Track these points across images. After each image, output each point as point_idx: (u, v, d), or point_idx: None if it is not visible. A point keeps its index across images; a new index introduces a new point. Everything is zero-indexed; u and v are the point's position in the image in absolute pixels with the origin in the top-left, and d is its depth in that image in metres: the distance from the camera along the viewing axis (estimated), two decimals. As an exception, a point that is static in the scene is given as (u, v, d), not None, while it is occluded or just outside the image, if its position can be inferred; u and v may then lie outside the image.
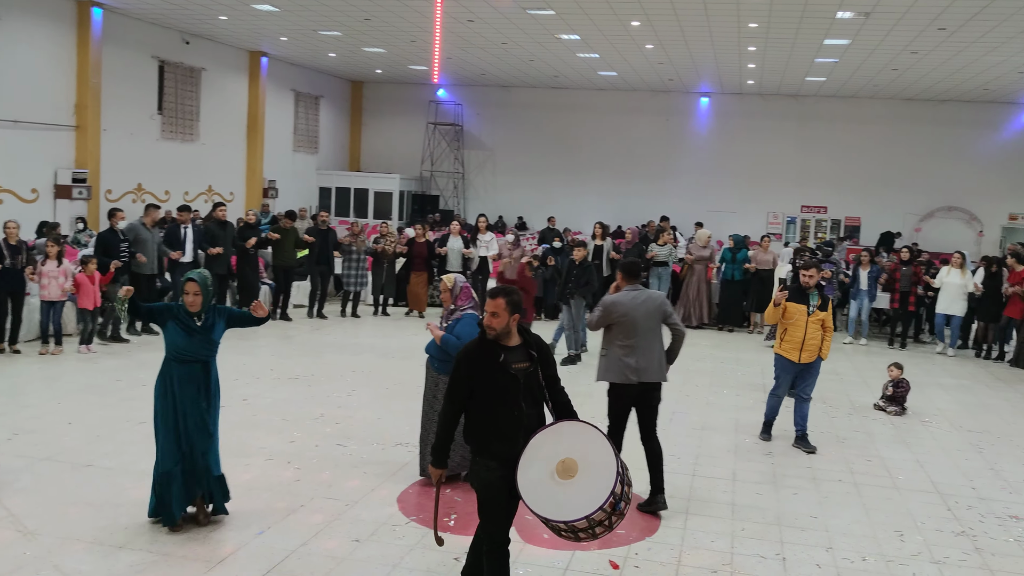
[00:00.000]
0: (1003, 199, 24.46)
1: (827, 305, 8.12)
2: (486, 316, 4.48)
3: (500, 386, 4.46)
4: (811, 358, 8.01)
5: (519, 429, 4.44)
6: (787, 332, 8.03)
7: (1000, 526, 6.47)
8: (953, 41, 16.28)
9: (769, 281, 15.15)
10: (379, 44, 20.16)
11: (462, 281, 6.80)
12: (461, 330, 6.56)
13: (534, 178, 26.76)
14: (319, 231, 14.78)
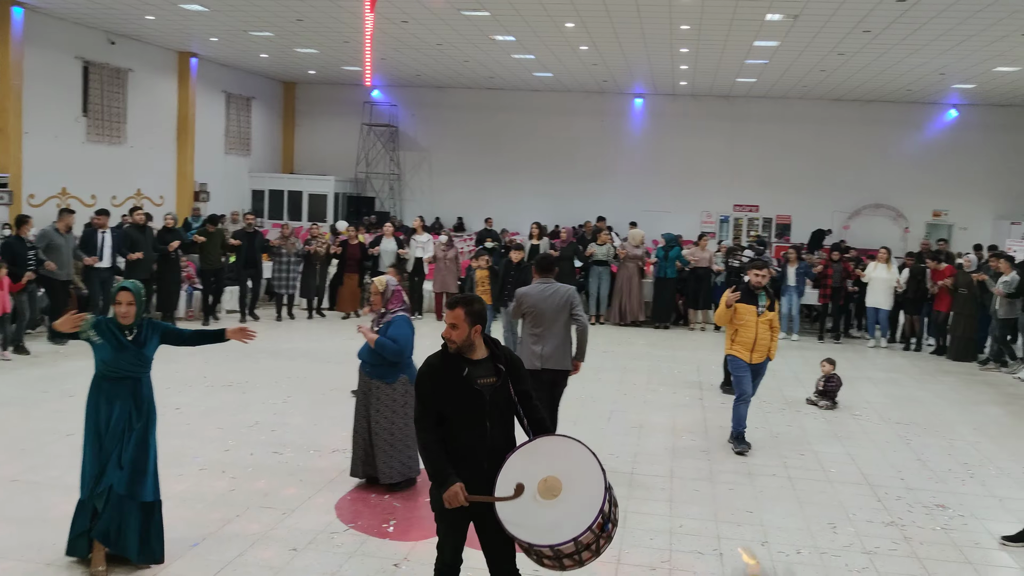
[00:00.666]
0: (927, 196, 25.22)
1: (775, 305, 8.16)
2: (445, 329, 4.17)
3: (463, 403, 4.10)
4: (761, 358, 8.04)
5: (483, 451, 4.09)
6: (738, 333, 8.02)
7: (927, 515, 6.66)
8: (877, 43, 16.72)
9: (706, 279, 15.38)
10: (312, 45, 19.93)
11: (393, 283, 6.73)
12: (395, 332, 6.50)
13: (471, 179, 26.74)
14: (247, 234, 14.58)
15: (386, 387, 6.58)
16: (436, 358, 4.23)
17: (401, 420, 6.59)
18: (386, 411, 6.58)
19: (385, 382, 6.58)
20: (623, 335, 14.72)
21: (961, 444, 8.74)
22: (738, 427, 8.13)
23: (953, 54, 17.33)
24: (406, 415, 6.58)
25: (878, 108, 24.97)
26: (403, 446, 6.62)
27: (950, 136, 24.98)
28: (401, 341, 6.52)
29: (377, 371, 6.56)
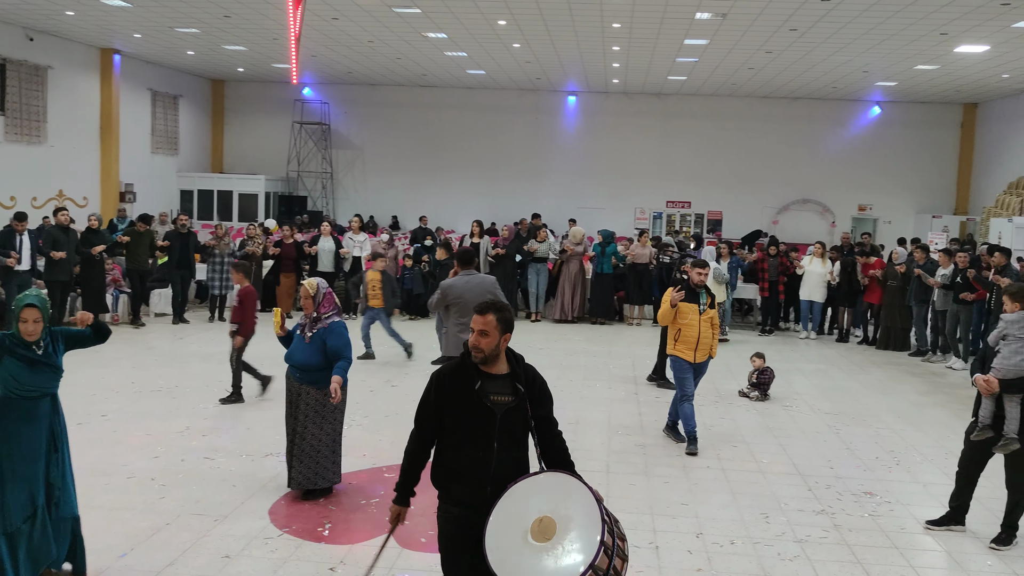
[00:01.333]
0: (852, 191, 25.88)
1: (715, 303, 8.20)
2: (472, 335, 3.78)
3: (470, 418, 3.73)
4: (704, 357, 8.04)
5: (484, 474, 3.72)
6: (681, 332, 7.97)
7: (856, 503, 6.82)
8: (804, 42, 17.08)
9: (645, 275, 15.48)
10: (240, 42, 19.59)
11: (324, 286, 6.59)
12: (339, 343, 6.37)
13: (405, 177, 26.59)
14: (178, 235, 14.29)
15: (317, 392, 6.41)
16: (450, 368, 3.88)
17: (329, 426, 6.46)
18: (316, 417, 6.42)
19: (317, 388, 6.41)
20: (560, 332, 14.78)
21: (887, 432, 8.97)
22: (690, 427, 8.01)
23: (875, 52, 17.79)
24: (333, 421, 6.47)
25: (805, 105, 25.53)
26: (327, 451, 6.46)
27: (874, 132, 25.68)
28: (347, 353, 6.42)
29: (309, 376, 6.41)
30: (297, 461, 6.40)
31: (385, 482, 6.93)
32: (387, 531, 4.20)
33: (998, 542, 6.00)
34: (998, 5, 13.51)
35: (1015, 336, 5.99)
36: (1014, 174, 22.70)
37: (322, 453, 6.44)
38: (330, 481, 6.52)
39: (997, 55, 17.55)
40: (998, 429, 5.99)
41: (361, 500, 6.53)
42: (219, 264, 14.49)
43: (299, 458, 6.39)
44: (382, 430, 8.38)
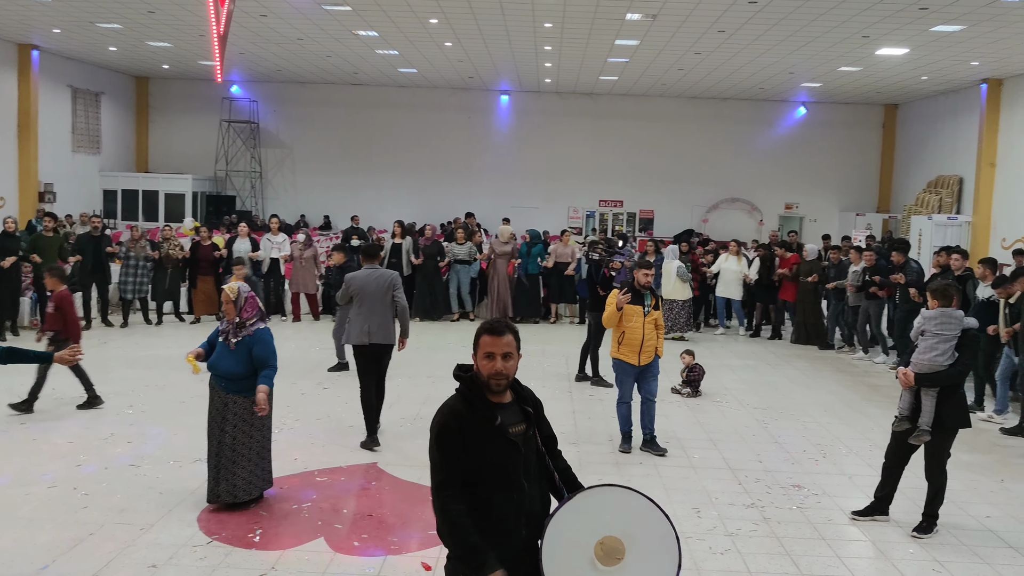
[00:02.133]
0: (779, 190, 26.45)
1: (659, 304, 8.12)
2: (496, 360, 3.32)
3: (498, 460, 3.28)
4: (650, 358, 7.92)
5: (519, 517, 3.30)
6: (624, 335, 7.85)
7: (784, 495, 6.95)
8: (732, 43, 17.37)
9: (567, 275, 15.53)
10: (164, 38, 19.14)
11: (246, 290, 6.39)
12: (265, 352, 6.19)
13: (336, 176, 26.31)
14: (92, 238, 13.80)
15: (244, 401, 6.21)
16: (460, 404, 3.35)
17: (258, 433, 6.31)
18: (244, 426, 6.23)
19: (245, 396, 6.21)
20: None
21: (813, 426, 9.17)
22: (624, 426, 8.04)
23: (801, 54, 18.19)
24: (262, 428, 6.33)
25: (733, 105, 25.99)
26: (258, 460, 6.31)
27: (799, 132, 26.27)
28: (273, 360, 6.26)
29: (235, 385, 6.20)
30: (226, 471, 6.19)
31: (317, 486, 6.83)
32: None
33: (919, 530, 6.18)
34: (917, 9, 13.94)
35: (932, 332, 6.16)
36: (933, 173, 23.47)
37: (252, 462, 6.28)
38: (258, 491, 6.36)
39: (916, 58, 18.10)
40: (915, 421, 6.17)
41: (292, 505, 6.42)
42: (134, 267, 14.05)
43: (226, 468, 6.20)
44: (314, 433, 8.27)
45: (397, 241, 15.41)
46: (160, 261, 14.38)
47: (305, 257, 14.61)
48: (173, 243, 14.69)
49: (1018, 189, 19.71)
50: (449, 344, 13.31)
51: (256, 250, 14.79)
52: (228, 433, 6.21)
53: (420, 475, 7.10)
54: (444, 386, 10.25)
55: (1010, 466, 8.00)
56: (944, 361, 6.09)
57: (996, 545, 6.07)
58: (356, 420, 8.61)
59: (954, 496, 6.69)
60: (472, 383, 3.37)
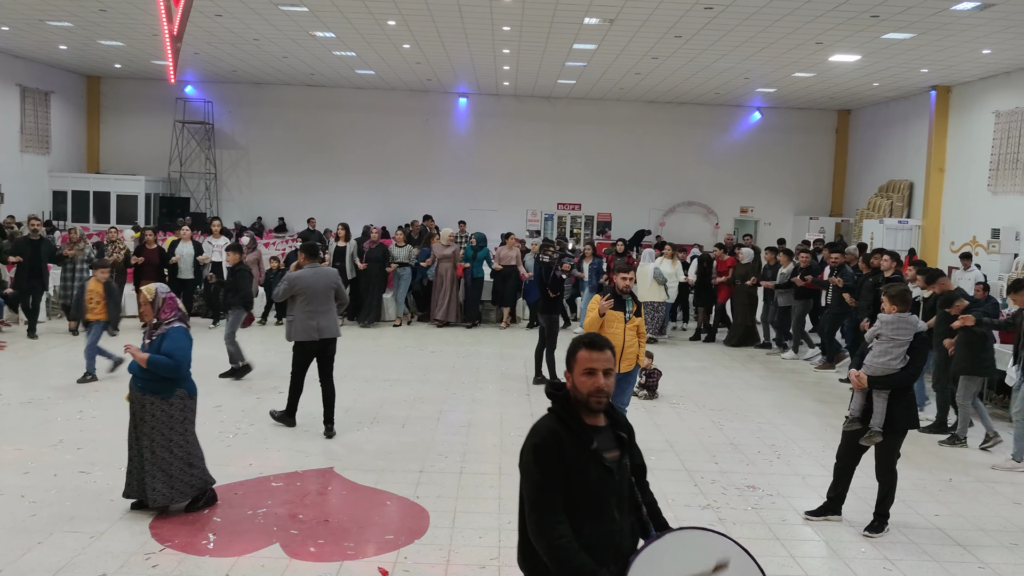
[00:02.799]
0: (735, 194, 26.74)
1: (641, 310, 7.91)
2: (597, 377, 3.13)
3: (593, 488, 3.07)
4: (630, 367, 7.72)
5: (609, 550, 3.09)
6: None
7: (740, 496, 7.02)
8: (688, 48, 17.53)
9: (512, 277, 15.42)
10: (117, 37, 18.82)
11: (164, 291, 6.26)
12: (171, 347, 6.02)
13: (293, 178, 26.07)
14: (31, 242, 13.26)
15: (162, 403, 6.06)
16: (556, 424, 3.11)
17: (179, 438, 6.14)
18: (163, 428, 6.07)
19: (161, 397, 6.06)
20: (452, 335, 14.75)
21: (768, 427, 9.28)
22: None
23: (756, 60, 18.42)
24: (184, 432, 6.16)
25: (689, 110, 26.23)
26: (182, 465, 6.14)
27: (755, 137, 26.59)
28: (177, 356, 6.04)
29: (151, 386, 6.03)
30: (150, 477, 6.03)
31: (272, 492, 6.75)
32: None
33: (871, 530, 6.28)
34: (868, 17, 14.18)
35: (887, 336, 6.27)
36: (884, 178, 23.90)
37: (175, 467, 6.09)
38: (190, 495, 6.19)
39: (868, 64, 18.42)
40: (866, 422, 6.27)
41: (247, 511, 6.34)
42: (73, 272, 13.62)
43: (151, 474, 6.03)
44: (269, 438, 8.18)
45: (340, 244, 15.15)
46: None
47: (248, 260, 14.33)
48: (118, 246, 14.26)
49: (966, 194, 20.15)
50: (405, 348, 13.26)
51: (200, 254, 14.52)
52: (146, 435, 6.06)
53: (376, 480, 7.06)
54: (402, 389, 10.25)
55: (956, 465, 8.17)
56: (897, 365, 6.20)
57: (944, 543, 6.20)
58: (312, 424, 8.54)
59: (904, 495, 6.80)
60: (567, 402, 3.15)
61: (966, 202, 20.12)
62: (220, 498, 6.47)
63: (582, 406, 3.16)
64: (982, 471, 7.99)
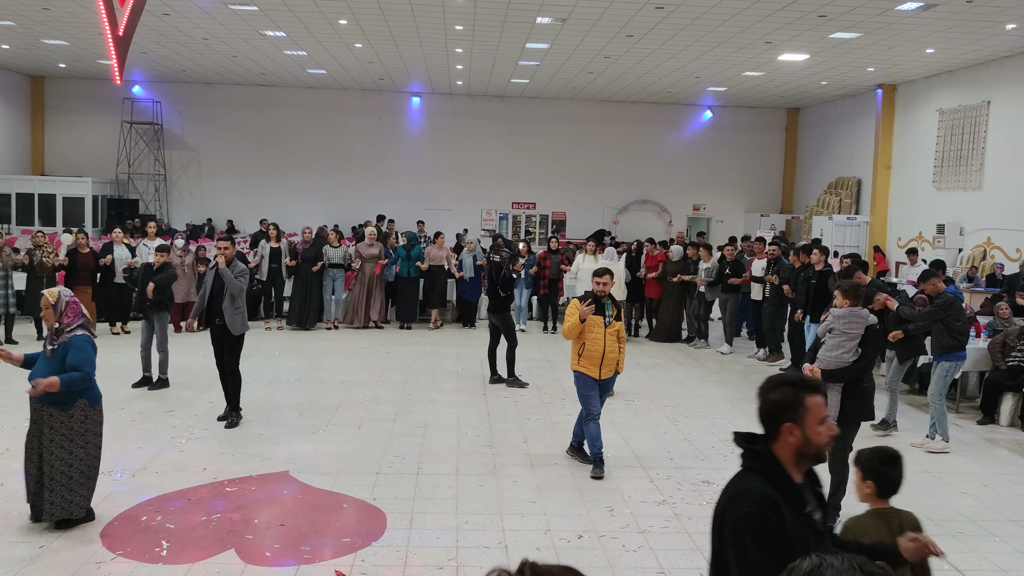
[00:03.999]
0: (688, 192, 27.02)
1: (621, 314, 7.58)
2: (827, 422, 2.80)
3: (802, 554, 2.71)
4: (610, 372, 7.45)
5: None
6: (585, 347, 7.32)
7: (694, 491, 7.10)
8: (640, 47, 17.67)
9: (441, 277, 15.31)
10: (61, 36, 18.45)
11: (67, 295, 6.02)
12: (78, 358, 5.76)
13: (244, 179, 25.78)
14: None
15: (62, 415, 5.82)
16: (765, 486, 2.68)
17: (80, 450, 5.90)
18: (63, 441, 5.85)
19: (61, 409, 5.81)
20: (410, 337, 14.70)
21: (721, 422, 9.39)
22: (595, 448, 7.45)
23: (707, 59, 18.63)
24: (85, 444, 5.93)
25: (642, 109, 26.44)
26: (82, 479, 5.92)
27: (706, 135, 26.89)
28: (86, 368, 5.82)
29: (51, 396, 5.78)
30: (48, 492, 5.82)
31: (227, 496, 6.67)
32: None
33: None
34: (816, 17, 14.42)
35: (840, 331, 6.38)
36: (833, 175, 24.32)
37: (76, 480, 5.89)
38: (83, 509, 6.00)
39: (816, 63, 18.73)
40: (821, 415, 6.37)
41: (201, 517, 6.25)
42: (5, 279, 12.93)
43: (51, 488, 5.82)
44: (222, 443, 8.07)
45: (274, 245, 14.86)
46: (32, 270, 13.23)
47: (186, 264, 14.05)
48: (47, 250, 13.54)
49: (912, 191, 20.58)
50: (361, 349, 13.18)
51: (134, 256, 14.10)
52: (47, 448, 5.83)
53: (332, 482, 7.01)
54: (358, 391, 10.18)
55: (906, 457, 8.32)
56: (849, 358, 6.31)
57: (894, 533, 6.32)
58: (266, 428, 8.46)
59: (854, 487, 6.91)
60: (775, 460, 2.72)
61: (912, 198, 20.55)
62: (173, 504, 6.38)
63: (800, 461, 2.74)
64: (930, 463, 8.17)
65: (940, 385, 8.53)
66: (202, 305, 8.90)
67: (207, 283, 8.85)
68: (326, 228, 19.21)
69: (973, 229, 18.24)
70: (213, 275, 8.79)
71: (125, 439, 8.06)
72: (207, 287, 8.81)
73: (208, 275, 8.91)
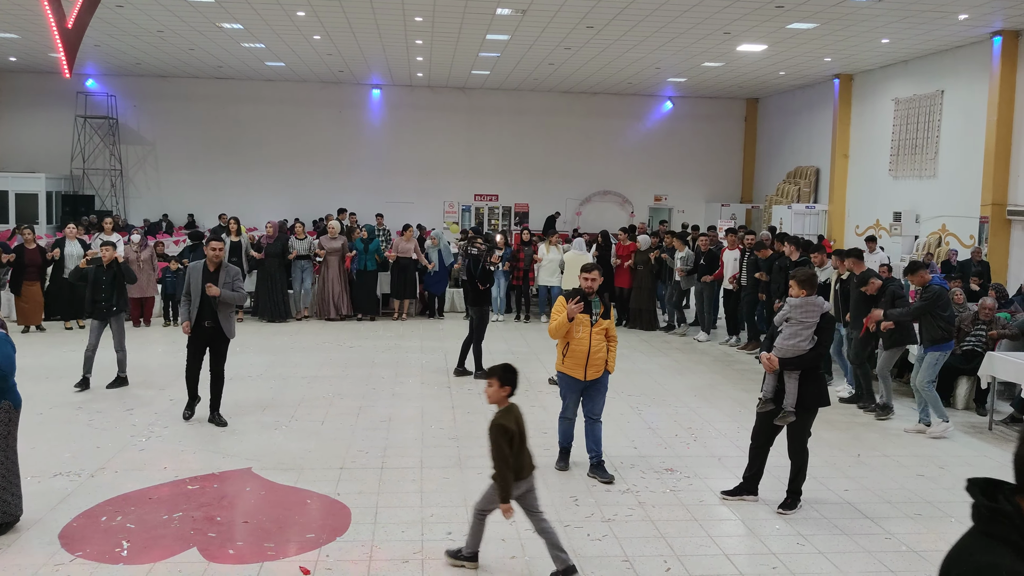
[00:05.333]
0: (649, 182, 27.18)
1: (609, 312, 7.14)
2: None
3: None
4: (598, 374, 7.00)
5: None
6: (569, 347, 6.95)
7: (658, 479, 7.15)
8: (600, 39, 17.70)
9: (410, 268, 15.30)
10: (10, 29, 18.07)
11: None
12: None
13: (203, 174, 25.48)
14: None
15: None
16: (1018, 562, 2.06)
17: (1, 453, 5.67)
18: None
19: None
20: (371, 329, 14.63)
21: (684, 410, 9.47)
22: (563, 442, 7.40)
23: (666, 50, 18.72)
24: (5, 448, 5.73)
25: (603, 100, 26.51)
26: (5, 483, 5.69)
27: (667, 126, 27.05)
28: (4, 365, 5.63)
29: None
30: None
31: (188, 495, 6.60)
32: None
33: (784, 507, 6.47)
34: (773, 7, 14.55)
35: (797, 319, 6.46)
36: (791, 164, 24.58)
37: (6, 480, 5.70)
38: (12, 515, 5.82)
39: (774, 54, 18.90)
40: (779, 402, 6.46)
41: (163, 516, 6.18)
42: None
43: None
44: (183, 440, 7.98)
45: (234, 239, 14.74)
46: None
47: (142, 259, 13.83)
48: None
49: (869, 179, 20.87)
50: (324, 344, 13.10)
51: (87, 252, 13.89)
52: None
53: (296, 478, 6.97)
54: (321, 386, 10.12)
55: (864, 442, 8.47)
56: (806, 346, 6.39)
57: (854, 517, 6.42)
58: (228, 425, 8.38)
59: (815, 472, 7.02)
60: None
61: (869, 187, 20.84)
62: (134, 503, 6.30)
63: None
64: (889, 447, 8.31)
65: (930, 373, 8.69)
66: (190, 309, 8.41)
67: (194, 284, 8.36)
68: (287, 222, 19.06)
69: (928, 216, 18.55)
70: (201, 276, 8.34)
71: (83, 439, 7.94)
72: (194, 289, 8.35)
73: (193, 275, 8.38)
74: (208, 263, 8.42)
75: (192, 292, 8.40)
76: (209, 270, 8.40)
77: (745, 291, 13.16)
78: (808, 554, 5.74)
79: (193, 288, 8.39)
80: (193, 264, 8.56)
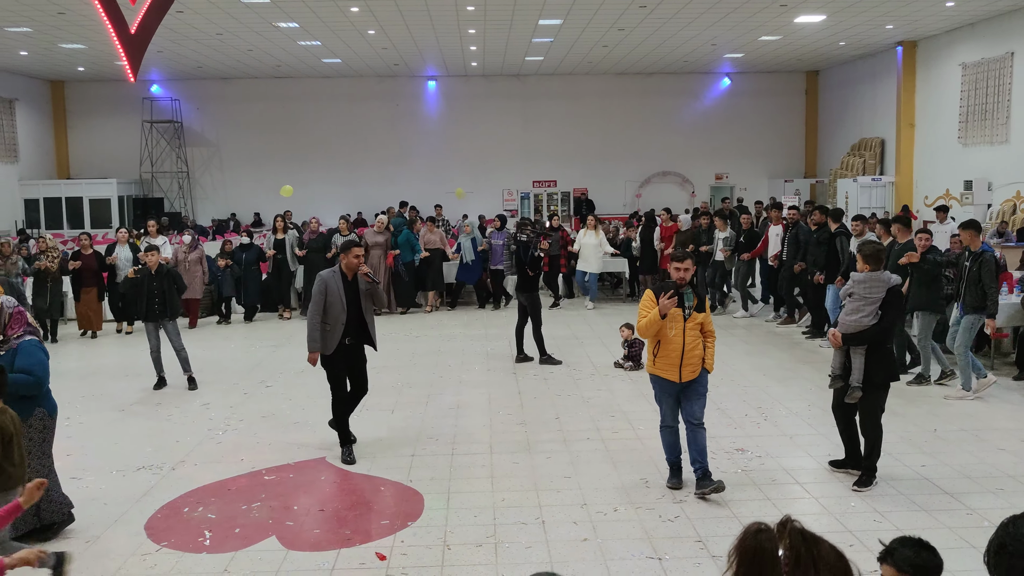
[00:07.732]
0: (709, 161, 26.83)
1: (704, 304, 6.31)
2: None
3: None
4: (694, 374, 6.19)
5: None
6: (660, 346, 6.19)
7: (729, 459, 7.10)
8: (653, 18, 17.51)
9: (437, 261, 15.25)
10: (77, 40, 18.61)
11: (11, 305, 5.79)
12: (27, 363, 5.54)
13: (265, 172, 25.94)
14: None
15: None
16: None
17: (36, 462, 5.66)
18: None
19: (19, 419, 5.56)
20: (437, 319, 14.76)
21: (754, 390, 9.37)
22: (670, 456, 6.56)
23: (722, 25, 18.43)
24: (41, 455, 5.76)
25: (659, 80, 26.24)
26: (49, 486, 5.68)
27: (725, 103, 26.64)
28: (37, 371, 5.60)
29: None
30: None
31: (265, 485, 6.77)
32: None
33: (859, 484, 6.37)
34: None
35: (860, 295, 6.34)
36: (855, 136, 24.02)
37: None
38: (62, 515, 5.92)
39: (833, 24, 18.47)
40: (847, 378, 6.36)
41: (242, 506, 6.35)
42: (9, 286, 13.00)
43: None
44: (259, 432, 8.18)
45: (279, 236, 14.87)
46: (38, 275, 13.09)
47: (191, 259, 14.00)
48: (51, 255, 13.39)
49: (937, 148, 20.30)
50: (389, 334, 13.26)
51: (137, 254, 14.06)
52: None
53: (369, 466, 7.09)
54: (389, 376, 10.24)
55: (940, 416, 8.28)
56: (869, 321, 6.27)
57: (932, 492, 6.29)
58: (301, 416, 8.56)
59: (890, 448, 6.90)
60: None
61: (937, 156, 20.27)
62: (214, 494, 6.48)
63: None
64: (967, 421, 8.11)
65: (967, 337, 8.74)
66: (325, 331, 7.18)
67: (334, 298, 7.17)
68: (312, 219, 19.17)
69: (1001, 184, 17.97)
70: (342, 285, 7.22)
71: (164, 434, 8.20)
72: (337, 303, 7.17)
73: (331, 287, 7.18)
74: (346, 270, 7.26)
75: (332, 308, 7.15)
76: (348, 279, 7.27)
77: (784, 266, 12.96)
78: (886, 531, 5.64)
79: (334, 303, 7.15)
80: (323, 276, 7.25)
